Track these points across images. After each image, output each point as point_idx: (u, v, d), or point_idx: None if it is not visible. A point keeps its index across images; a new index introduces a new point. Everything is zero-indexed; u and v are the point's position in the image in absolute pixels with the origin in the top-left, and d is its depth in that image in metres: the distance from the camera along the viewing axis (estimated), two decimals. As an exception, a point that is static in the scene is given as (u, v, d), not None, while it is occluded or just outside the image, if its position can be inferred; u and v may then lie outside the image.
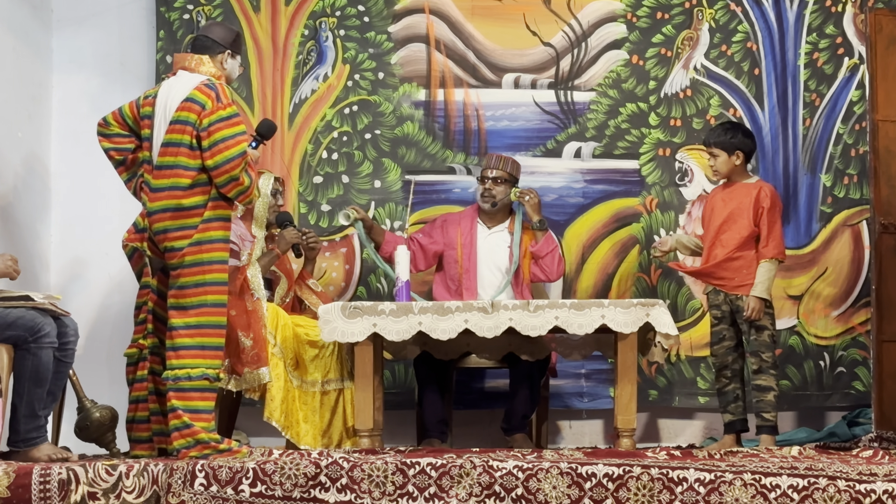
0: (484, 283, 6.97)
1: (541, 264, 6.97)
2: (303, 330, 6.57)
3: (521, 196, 6.95)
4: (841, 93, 7.65)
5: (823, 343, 7.54)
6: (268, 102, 7.66)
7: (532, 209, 6.95)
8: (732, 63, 7.68)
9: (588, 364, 7.45)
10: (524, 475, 4.92)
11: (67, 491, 4.80)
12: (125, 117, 6.05)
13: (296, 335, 6.52)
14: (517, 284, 6.95)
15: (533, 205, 6.95)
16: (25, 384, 5.53)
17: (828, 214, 7.59)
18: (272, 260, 6.68)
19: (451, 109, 7.70)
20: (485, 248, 7.01)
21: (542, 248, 6.96)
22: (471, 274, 6.96)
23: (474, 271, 6.97)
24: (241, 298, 6.27)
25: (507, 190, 7.00)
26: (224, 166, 5.70)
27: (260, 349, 6.24)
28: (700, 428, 7.59)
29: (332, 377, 6.60)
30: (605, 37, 7.72)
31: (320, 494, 4.94)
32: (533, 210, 6.95)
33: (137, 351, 6.13)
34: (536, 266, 6.99)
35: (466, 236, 7.02)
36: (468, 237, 7.02)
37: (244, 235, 6.49)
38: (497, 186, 7.00)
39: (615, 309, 6.18)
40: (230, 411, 6.59)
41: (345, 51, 7.70)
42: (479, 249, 7.00)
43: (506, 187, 7.00)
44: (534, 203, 6.96)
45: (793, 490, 4.82)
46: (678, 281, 7.56)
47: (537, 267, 6.99)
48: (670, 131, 7.66)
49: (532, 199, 6.96)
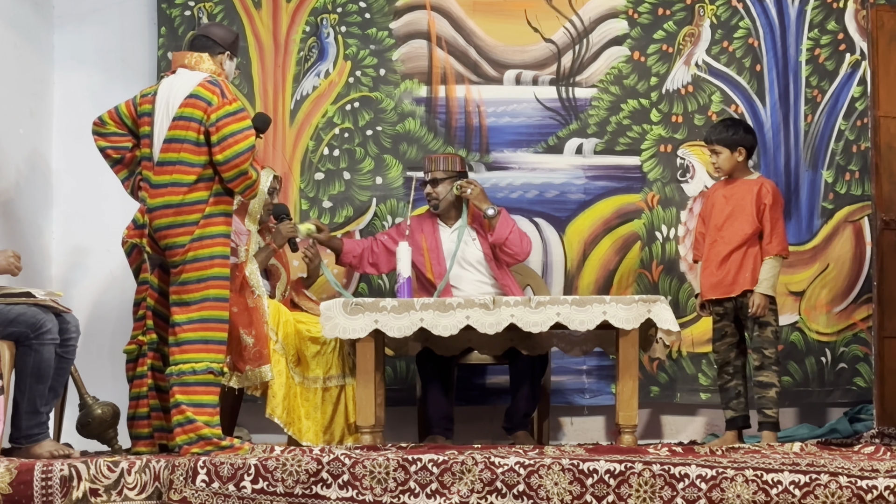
0: (461, 281, 6.95)
1: (505, 250, 6.90)
2: (304, 326, 6.57)
3: (462, 190, 6.92)
4: (842, 89, 7.65)
5: (825, 339, 7.54)
6: (269, 99, 7.66)
7: (477, 200, 6.92)
8: (734, 59, 7.67)
9: (589, 360, 7.45)
10: (526, 471, 4.92)
11: (69, 488, 4.80)
12: (122, 116, 6.05)
13: (297, 331, 6.52)
14: (499, 275, 6.93)
15: (476, 196, 6.91)
16: (27, 381, 5.53)
17: (829, 211, 7.59)
18: (269, 255, 6.69)
19: (453, 106, 7.70)
20: (450, 246, 6.97)
21: (500, 234, 6.87)
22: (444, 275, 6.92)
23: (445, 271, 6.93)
24: (242, 295, 6.27)
25: (449, 186, 6.96)
26: (234, 160, 5.72)
27: (262, 346, 6.24)
28: (702, 424, 7.59)
29: (334, 373, 6.60)
30: (607, 33, 7.72)
31: (322, 491, 4.95)
32: (479, 201, 6.91)
33: (137, 347, 6.13)
34: (502, 253, 6.92)
35: (430, 239, 6.99)
36: (432, 240, 6.99)
37: (239, 229, 6.48)
38: (436, 188, 6.97)
39: (617, 305, 6.17)
40: (232, 408, 6.59)
41: (346, 47, 7.70)
42: (445, 251, 6.97)
43: (446, 185, 6.96)
44: (476, 194, 6.90)
45: (794, 486, 4.82)
46: (680, 277, 7.56)
47: (503, 254, 6.92)
48: (672, 127, 7.66)
49: (473, 190, 6.90)
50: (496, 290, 6.92)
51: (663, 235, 7.58)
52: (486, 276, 6.98)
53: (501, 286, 6.93)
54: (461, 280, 6.95)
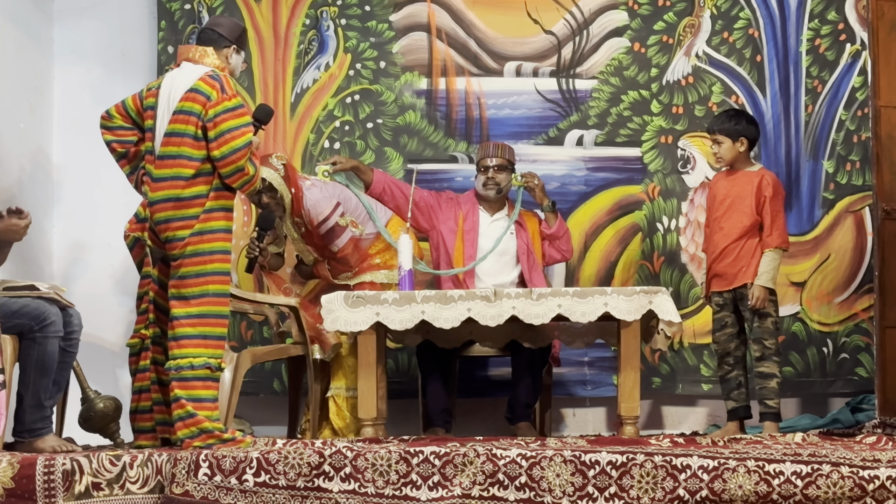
0: (487, 271, 6.97)
1: (558, 245, 7.01)
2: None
3: (526, 181, 6.97)
4: (843, 79, 7.64)
5: (826, 330, 7.54)
6: (269, 92, 7.66)
7: (541, 192, 6.99)
8: (734, 50, 7.67)
9: (591, 352, 7.45)
10: (528, 463, 4.92)
11: (72, 482, 4.81)
12: (128, 109, 6.05)
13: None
14: (529, 270, 6.95)
15: (541, 188, 6.99)
16: (31, 374, 5.53)
17: (830, 201, 7.58)
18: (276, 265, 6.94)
19: (453, 98, 7.70)
20: (488, 234, 7.01)
21: (558, 230, 7.02)
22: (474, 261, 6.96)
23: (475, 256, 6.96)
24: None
25: (508, 177, 7.01)
26: (230, 157, 5.71)
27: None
28: (703, 415, 7.60)
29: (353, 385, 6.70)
30: (607, 24, 7.71)
31: (324, 483, 4.95)
32: (542, 193, 6.99)
33: (139, 341, 6.13)
34: (552, 247, 7.02)
35: (469, 222, 7.02)
36: (470, 223, 7.02)
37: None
38: (499, 174, 7.00)
39: (618, 297, 6.18)
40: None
41: (346, 40, 7.69)
42: (481, 237, 7.00)
43: (506, 174, 7.01)
44: (541, 186, 7.00)
45: (796, 476, 4.82)
46: (681, 268, 7.56)
47: (553, 248, 7.02)
48: (672, 119, 7.66)
49: (539, 182, 7.00)
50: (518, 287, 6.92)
51: (664, 227, 7.58)
52: (512, 271, 6.97)
53: (528, 284, 6.92)
54: (488, 270, 6.96)
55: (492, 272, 6.97)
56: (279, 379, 7.39)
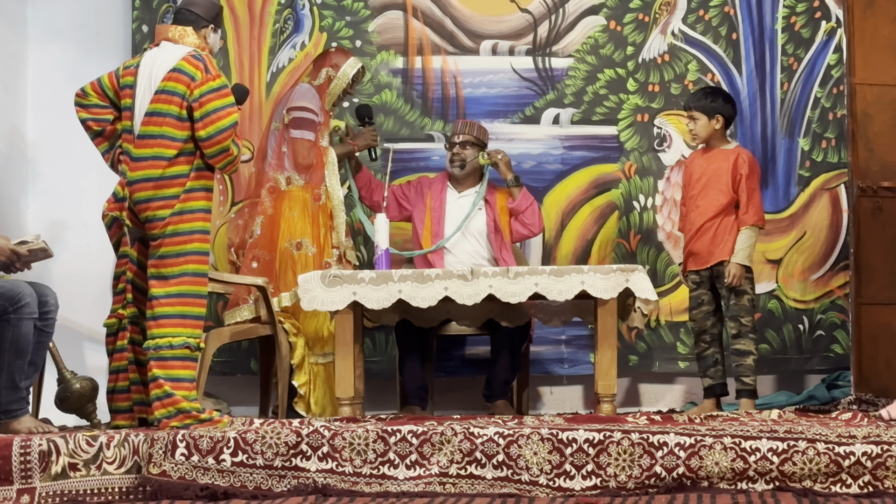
0: (458, 248, 6.97)
1: (522, 219, 7.00)
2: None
3: (491, 156, 6.99)
4: (818, 56, 7.65)
5: (802, 307, 7.57)
6: (245, 71, 7.64)
7: (505, 167, 6.99)
8: (710, 28, 7.67)
9: (568, 330, 7.46)
10: (505, 441, 4.93)
11: (48, 462, 4.80)
12: (104, 88, 6.02)
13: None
14: (497, 247, 6.96)
15: (505, 162, 7.00)
16: (6, 355, 5.50)
17: (806, 178, 7.60)
18: (346, 152, 7.08)
19: (429, 77, 7.69)
20: (455, 211, 7.02)
21: (521, 203, 7.01)
22: (440, 238, 6.97)
23: (443, 235, 6.98)
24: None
25: (475, 153, 7.03)
26: (216, 137, 5.72)
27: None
28: (680, 392, 7.62)
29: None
30: (583, 2, 7.70)
31: (302, 463, 4.95)
32: (506, 168, 6.99)
33: (117, 321, 6.12)
34: (517, 222, 7.02)
35: (436, 200, 7.05)
36: (437, 201, 7.04)
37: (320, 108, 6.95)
38: (465, 150, 7.03)
39: (595, 275, 6.19)
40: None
41: (321, 19, 7.67)
42: (447, 213, 7.01)
43: (473, 151, 7.03)
44: (505, 161, 7.02)
45: (772, 453, 4.84)
46: (657, 246, 7.57)
47: (518, 223, 7.02)
48: (648, 97, 7.66)
49: (503, 157, 7.01)
50: (491, 264, 6.93)
51: (641, 205, 7.59)
52: (484, 248, 7.00)
53: (497, 261, 6.94)
54: (458, 247, 6.97)
55: (468, 250, 6.98)
56: (255, 359, 7.38)
